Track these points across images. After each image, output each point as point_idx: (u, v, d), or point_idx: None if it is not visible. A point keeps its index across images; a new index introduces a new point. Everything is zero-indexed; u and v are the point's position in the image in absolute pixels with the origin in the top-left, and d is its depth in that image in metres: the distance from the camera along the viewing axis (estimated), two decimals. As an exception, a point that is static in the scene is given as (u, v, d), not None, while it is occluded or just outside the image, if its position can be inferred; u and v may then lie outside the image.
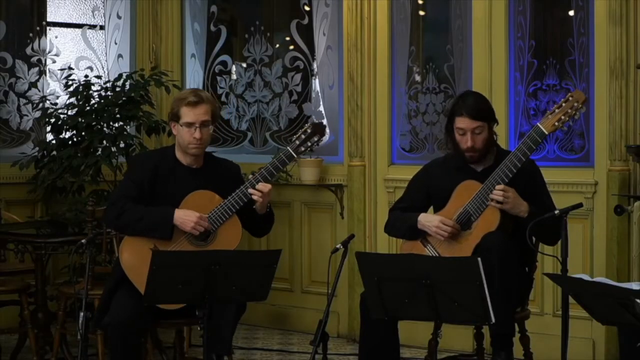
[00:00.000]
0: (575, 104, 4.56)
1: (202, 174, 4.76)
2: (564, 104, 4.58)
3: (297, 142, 4.80)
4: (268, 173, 4.73)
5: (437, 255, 4.65)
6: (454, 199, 4.69)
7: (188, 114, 4.68)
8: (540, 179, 4.77)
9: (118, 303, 4.52)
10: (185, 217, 4.60)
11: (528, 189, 4.64)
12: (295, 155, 4.80)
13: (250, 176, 4.73)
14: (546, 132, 4.56)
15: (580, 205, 4.46)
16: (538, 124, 4.60)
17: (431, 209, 4.89)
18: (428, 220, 4.70)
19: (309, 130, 4.81)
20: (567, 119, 4.57)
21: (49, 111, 6.71)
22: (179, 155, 4.78)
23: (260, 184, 4.68)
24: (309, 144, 4.80)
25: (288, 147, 4.80)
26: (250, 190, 4.66)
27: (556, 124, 4.57)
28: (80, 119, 6.58)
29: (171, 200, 4.66)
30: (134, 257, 4.59)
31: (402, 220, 4.81)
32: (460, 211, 4.65)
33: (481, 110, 4.68)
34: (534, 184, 4.71)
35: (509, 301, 4.49)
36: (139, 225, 4.61)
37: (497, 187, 4.54)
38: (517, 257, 4.56)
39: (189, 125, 4.67)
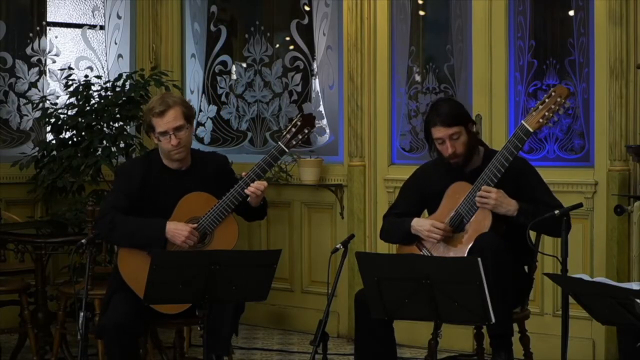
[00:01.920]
0: (559, 99, 4.54)
1: (191, 175, 4.73)
2: (547, 100, 4.56)
3: (288, 136, 4.77)
4: (261, 170, 4.71)
5: None
6: (445, 201, 4.69)
7: (159, 124, 4.63)
8: (534, 177, 4.74)
9: (114, 305, 4.52)
10: (176, 230, 4.57)
11: (522, 189, 4.63)
12: (287, 150, 4.77)
13: (243, 173, 4.71)
14: (531, 130, 4.55)
15: (580, 205, 4.46)
16: (522, 121, 4.59)
17: (425, 212, 4.89)
18: (420, 224, 4.70)
19: (298, 123, 4.79)
20: (552, 114, 4.55)
21: (49, 111, 6.71)
22: (165, 161, 4.74)
23: (255, 183, 4.66)
24: (300, 136, 4.77)
25: (279, 142, 4.77)
26: (247, 190, 4.65)
27: (540, 120, 4.55)
28: (80, 119, 6.58)
29: (164, 206, 4.64)
30: (133, 266, 4.58)
31: (396, 226, 4.81)
32: (452, 214, 4.65)
33: (453, 116, 4.66)
34: (527, 183, 4.68)
35: (505, 301, 4.48)
36: (132, 240, 4.60)
37: (482, 188, 4.54)
38: (511, 256, 4.56)
39: (164, 134, 4.64)
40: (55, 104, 6.91)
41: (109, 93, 6.72)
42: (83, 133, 6.60)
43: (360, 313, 4.52)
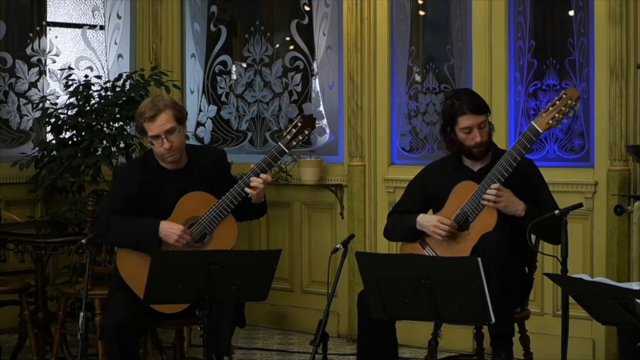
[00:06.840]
0: (569, 102, 4.56)
1: (188, 173, 4.72)
2: (557, 102, 4.59)
3: (288, 137, 4.76)
4: (261, 170, 4.69)
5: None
6: (451, 200, 4.69)
7: (150, 128, 4.62)
8: (540, 179, 4.76)
9: (113, 305, 4.52)
10: (169, 229, 4.56)
11: (527, 190, 4.64)
12: (287, 151, 4.75)
13: (247, 175, 4.70)
14: (540, 131, 4.57)
15: (580, 205, 4.46)
16: (532, 122, 4.60)
17: (430, 211, 4.89)
18: (426, 220, 4.70)
19: (299, 124, 4.77)
20: (562, 116, 4.58)
21: (49, 111, 6.71)
22: (160, 162, 4.74)
23: (261, 175, 4.65)
24: (300, 137, 4.76)
25: (279, 143, 4.75)
26: (247, 190, 4.64)
27: (550, 122, 4.57)
28: (80, 119, 6.58)
29: (163, 207, 4.64)
30: (132, 266, 4.58)
31: (401, 223, 4.81)
32: (457, 212, 4.65)
33: (480, 104, 4.71)
34: (533, 185, 4.71)
35: (508, 301, 4.48)
36: (126, 240, 4.60)
37: (492, 186, 4.54)
38: (515, 257, 4.56)
39: (156, 138, 4.62)
40: (55, 104, 6.91)
41: (109, 93, 6.72)
42: (83, 133, 6.60)
43: (363, 313, 4.51)
